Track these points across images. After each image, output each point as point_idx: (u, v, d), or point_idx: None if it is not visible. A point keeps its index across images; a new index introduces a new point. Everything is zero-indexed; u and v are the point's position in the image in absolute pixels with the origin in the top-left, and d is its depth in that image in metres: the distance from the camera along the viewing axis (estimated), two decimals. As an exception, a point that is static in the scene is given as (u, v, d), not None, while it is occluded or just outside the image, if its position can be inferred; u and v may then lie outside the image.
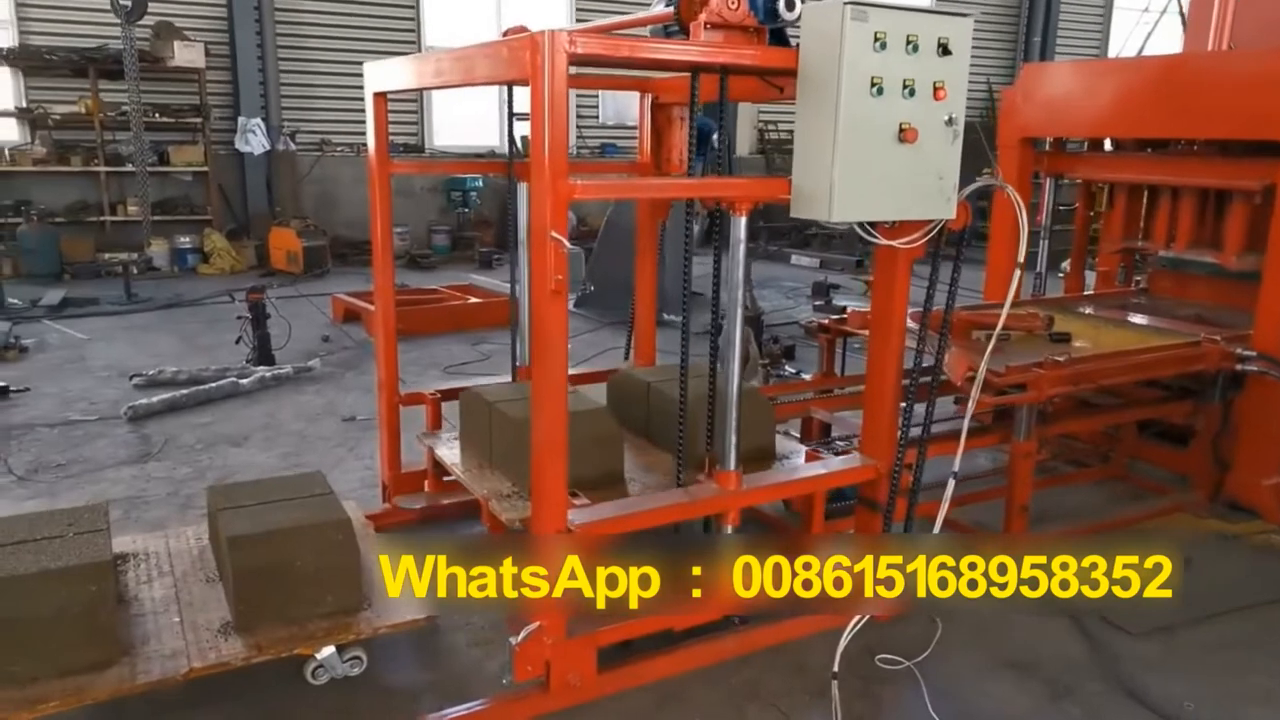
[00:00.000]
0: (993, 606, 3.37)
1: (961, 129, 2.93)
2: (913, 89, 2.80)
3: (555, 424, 2.70)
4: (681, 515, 3.12)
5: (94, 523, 3.00)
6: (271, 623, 2.91)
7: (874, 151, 2.80)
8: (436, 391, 4.24)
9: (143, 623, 2.91)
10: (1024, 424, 3.94)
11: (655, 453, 3.76)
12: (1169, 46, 16.28)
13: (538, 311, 2.65)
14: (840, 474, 3.46)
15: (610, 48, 2.59)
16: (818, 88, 2.76)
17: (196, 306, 9.54)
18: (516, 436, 3.35)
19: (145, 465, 5.04)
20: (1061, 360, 3.89)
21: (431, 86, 3.53)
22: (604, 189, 3.55)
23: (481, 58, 2.94)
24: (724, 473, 3.14)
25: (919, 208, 2.97)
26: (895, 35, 2.73)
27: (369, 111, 3.91)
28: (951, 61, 2.84)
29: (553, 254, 2.54)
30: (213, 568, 3.27)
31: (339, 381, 6.75)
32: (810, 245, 13.92)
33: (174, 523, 4.31)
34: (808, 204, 2.86)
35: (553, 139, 2.48)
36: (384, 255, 4.13)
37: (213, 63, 12.22)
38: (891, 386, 3.37)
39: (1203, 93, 4.64)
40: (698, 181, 3.10)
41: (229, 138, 12.50)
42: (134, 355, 7.44)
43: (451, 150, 13.99)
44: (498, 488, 3.43)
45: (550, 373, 2.67)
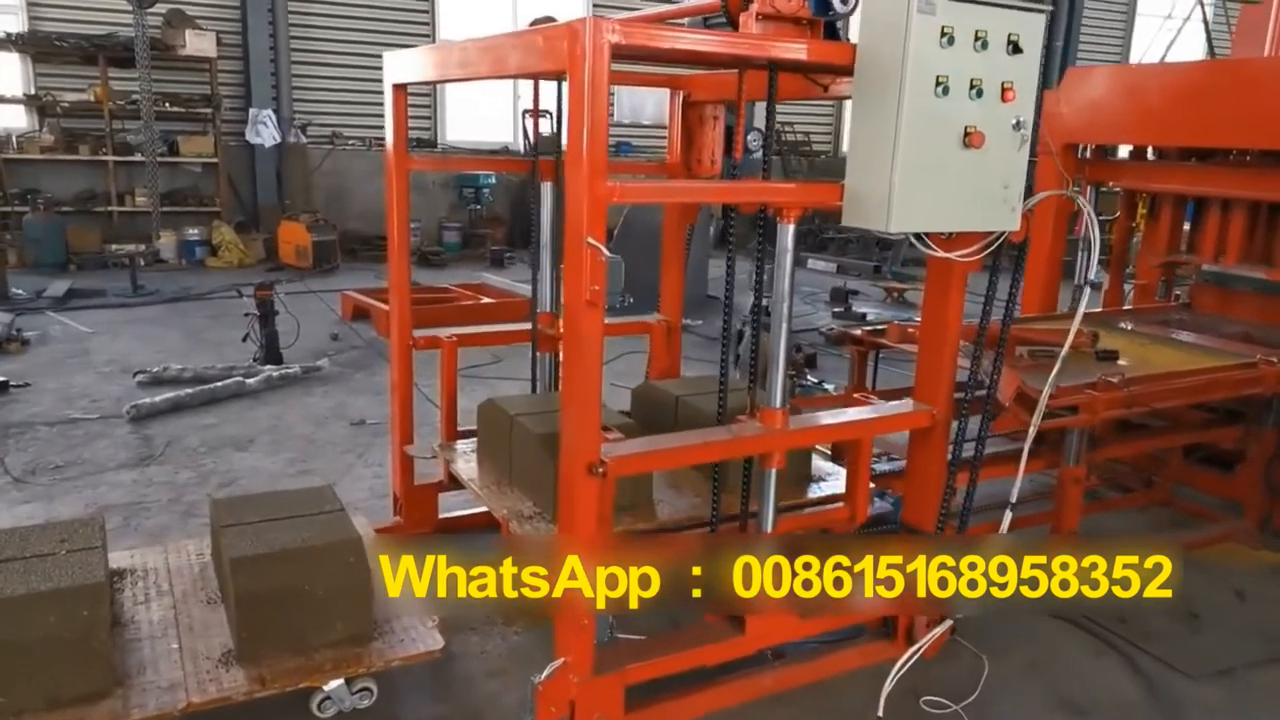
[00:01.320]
0: (1011, 606, 3.18)
1: (1029, 134, 2.71)
2: (980, 89, 2.57)
3: (587, 444, 2.49)
4: (724, 454, 2.86)
5: (89, 539, 2.80)
6: (277, 652, 2.71)
7: (937, 157, 2.58)
8: (453, 335, 3.96)
9: (139, 649, 2.72)
10: (1074, 448, 3.73)
11: (683, 472, 3.54)
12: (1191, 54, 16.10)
13: (570, 322, 2.46)
14: (893, 419, 3.20)
15: (656, 38, 2.37)
16: (878, 86, 2.55)
17: (204, 300, 9.36)
18: (539, 454, 3.16)
19: (146, 469, 4.85)
20: (1115, 381, 3.67)
21: (456, 79, 3.33)
22: (644, 192, 3.35)
23: (513, 48, 2.74)
24: (769, 410, 2.85)
25: (982, 218, 2.76)
26: (963, 30, 2.51)
27: (388, 104, 3.72)
28: (1022, 60, 2.62)
29: (589, 261, 2.34)
30: (214, 588, 3.08)
31: (348, 383, 6.55)
32: (827, 249, 13.69)
33: (175, 532, 4.12)
34: (863, 212, 2.65)
35: (592, 137, 2.27)
36: (400, 253, 3.93)
37: (224, 52, 12.05)
38: (944, 406, 3.16)
39: (1258, 100, 4.42)
40: (745, 185, 2.88)
41: (239, 129, 12.34)
42: (139, 350, 7.25)
43: (463, 146, 13.79)
44: (518, 508, 3.23)
45: (583, 387, 2.47)
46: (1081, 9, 17.62)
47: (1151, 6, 17.86)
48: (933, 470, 3.19)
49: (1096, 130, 5.18)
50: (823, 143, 16.75)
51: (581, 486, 2.48)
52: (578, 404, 2.48)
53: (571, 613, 2.59)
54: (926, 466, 3.22)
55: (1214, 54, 14.84)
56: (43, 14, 11.48)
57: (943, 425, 3.14)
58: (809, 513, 3.36)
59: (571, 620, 2.60)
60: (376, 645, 2.81)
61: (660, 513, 3.21)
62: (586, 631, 2.60)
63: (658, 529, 3.12)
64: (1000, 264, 2.96)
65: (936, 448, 3.18)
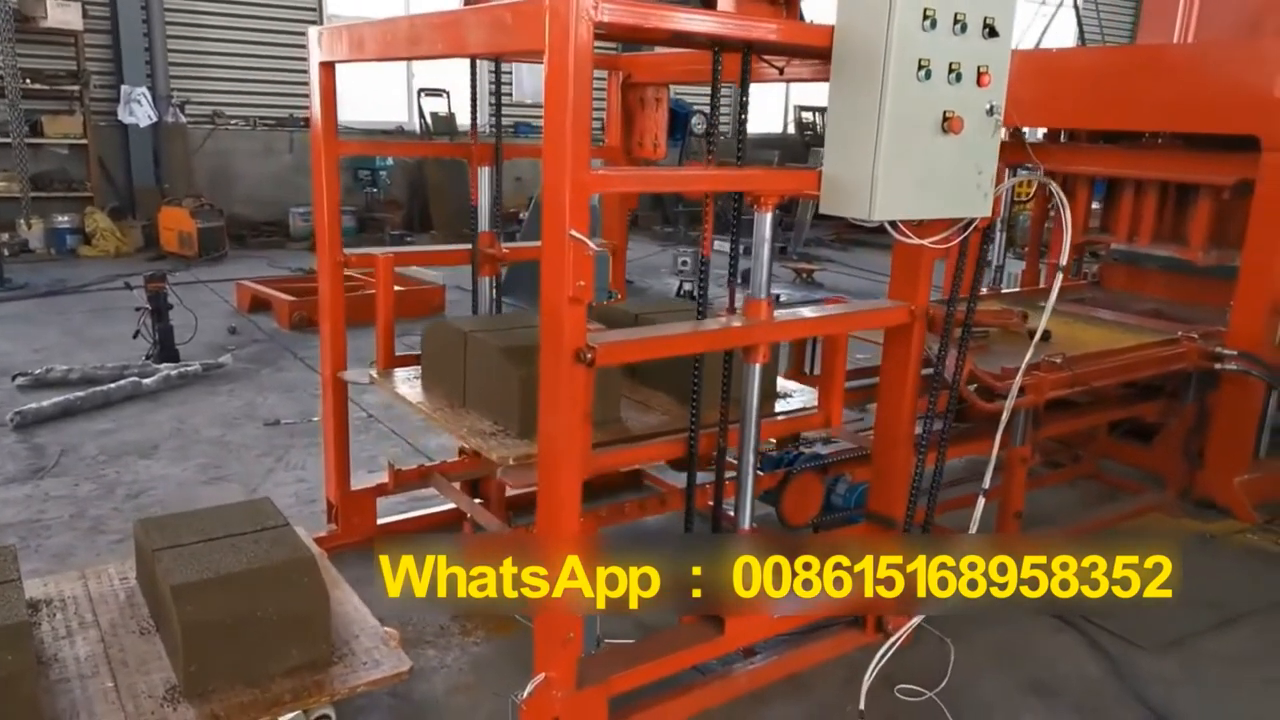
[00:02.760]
0: (988, 606, 3.23)
1: (1001, 119, 2.69)
2: (959, 73, 2.53)
3: (569, 456, 2.34)
4: (708, 345, 2.78)
5: (3, 570, 2.50)
6: (228, 684, 2.48)
7: (918, 143, 2.52)
8: (388, 253, 3.68)
9: (68, 690, 2.44)
10: (1021, 428, 3.78)
11: (645, 391, 3.39)
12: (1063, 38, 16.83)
13: (550, 321, 2.28)
14: (871, 315, 3.14)
15: (643, 17, 2.22)
16: (858, 70, 2.47)
17: (82, 294, 8.68)
18: (500, 366, 2.94)
19: (40, 482, 4.42)
20: (1059, 362, 3.74)
21: (401, 57, 3.11)
22: (627, 180, 3.28)
23: (474, 24, 2.55)
24: (754, 301, 2.75)
25: (959, 205, 2.71)
26: (944, 12, 2.46)
27: (314, 84, 3.46)
28: (997, 44, 2.58)
29: (573, 255, 2.18)
30: (145, 616, 2.80)
31: (255, 379, 6.17)
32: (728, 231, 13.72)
33: (82, 552, 3.78)
34: (843, 200, 2.57)
35: (575, 122, 2.12)
36: (332, 240, 3.63)
37: (91, 25, 11.15)
38: (909, 400, 3.13)
39: (1170, 85, 4.58)
40: (722, 173, 2.78)
41: (111, 108, 11.47)
42: (14, 350, 6.66)
43: (356, 126, 13.21)
44: (478, 426, 2.99)
45: (566, 388, 2.30)
46: None
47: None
48: (908, 380, 3.11)
49: (1016, 114, 5.27)
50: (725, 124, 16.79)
51: (568, 376, 2.29)
52: (563, 400, 2.32)
53: (554, 624, 2.45)
54: (902, 377, 3.12)
55: (1084, 39, 15.58)
56: (-122, -21, 10.40)
57: (920, 322, 3.05)
58: (783, 419, 3.33)
59: (554, 632, 2.45)
60: (337, 670, 2.60)
61: (631, 429, 3.05)
62: (571, 645, 2.47)
63: (630, 439, 2.98)
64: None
65: (913, 350, 3.10)
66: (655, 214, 14.98)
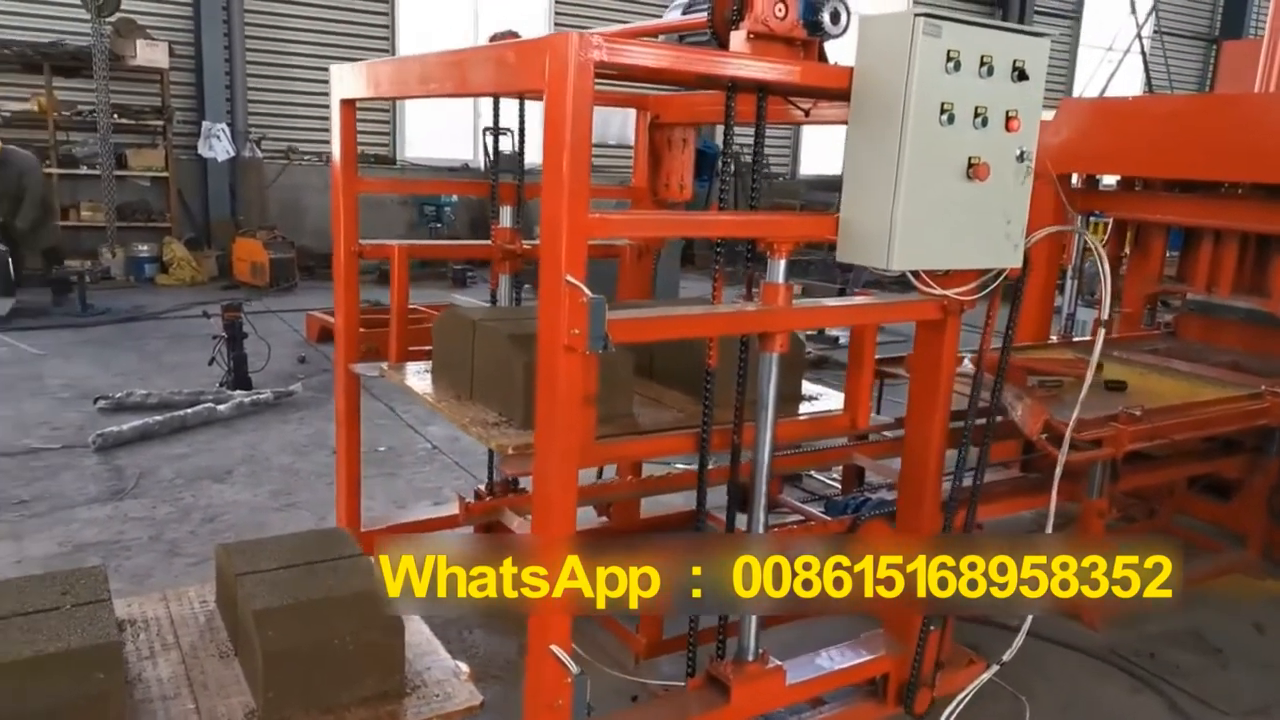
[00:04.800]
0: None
1: (1032, 165, 2.58)
2: (985, 118, 2.43)
3: (565, 505, 2.30)
4: (723, 329, 2.63)
5: (94, 590, 2.57)
6: (304, 712, 2.51)
7: (941, 189, 2.43)
8: (403, 244, 3.63)
9: (151, 711, 2.49)
10: (1098, 480, 3.71)
11: (660, 389, 3.31)
12: (1131, 86, 16.64)
13: (545, 368, 2.21)
14: (899, 307, 2.93)
15: (647, 57, 2.18)
16: (877, 113, 2.39)
17: (158, 320, 8.98)
18: (507, 354, 2.85)
19: (120, 503, 4.57)
20: (1138, 414, 3.66)
21: (414, 95, 3.07)
22: (630, 224, 3.07)
23: (480, 63, 2.52)
24: (771, 285, 2.56)
25: (985, 255, 2.61)
26: (969, 55, 2.37)
27: (335, 121, 3.45)
28: (1026, 88, 2.49)
29: (568, 302, 2.09)
30: (224, 639, 2.85)
31: (323, 409, 6.30)
32: (790, 270, 13.71)
33: (159, 573, 3.88)
34: (860, 248, 2.48)
35: (573, 164, 2.05)
36: (348, 278, 3.64)
37: (177, 64, 11.67)
38: (936, 453, 2.97)
39: (1254, 135, 4.50)
40: (734, 218, 2.67)
41: (191, 142, 11.95)
42: (96, 374, 6.90)
43: (423, 163, 13.56)
44: (482, 416, 2.91)
45: (559, 442, 2.23)
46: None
47: (1093, 38, 18.43)
48: (940, 381, 2.93)
49: (1090, 160, 5.23)
50: (780, 164, 16.88)
51: (565, 365, 2.17)
52: (556, 453, 2.25)
53: (542, 688, 2.36)
54: (934, 378, 2.93)
55: (1152, 86, 15.34)
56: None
57: (954, 318, 2.84)
58: (804, 419, 3.16)
59: (541, 697, 2.36)
60: (411, 702, 2.62)
61: (642, 425, 2.95)
62: (559, 712, 2.36)
63: (636, 432, 2.88)
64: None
65: (946, 349, 2.90)
66: (712, 251, 15.03)
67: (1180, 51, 19.61)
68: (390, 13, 13.10)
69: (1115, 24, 16.37)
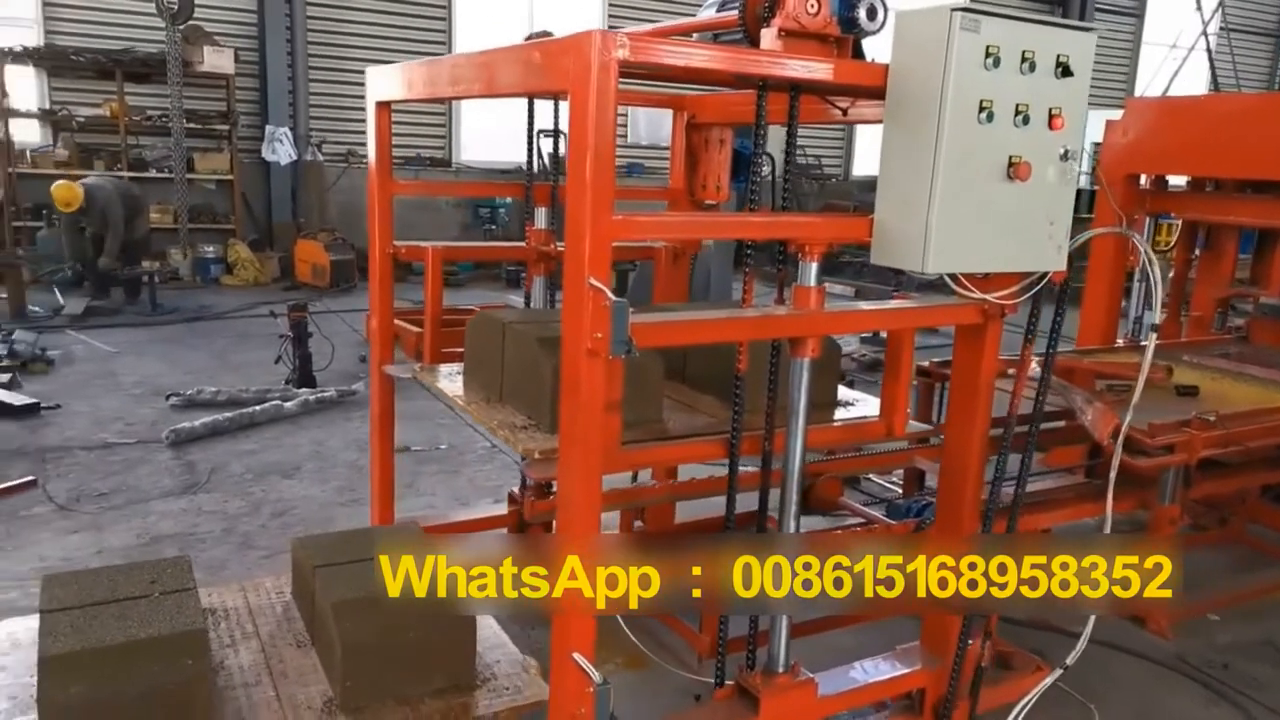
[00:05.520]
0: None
1: (1079, 165, 2.49)
2: (1026, 115, 2.34)
3: (588, 509, 2.25)
4: (751, 333, 2.56)
5: (180, 580, 2.67)
6: (380, 702, 2.58)
7: (979, 189, 2.34)
8: (437, 246, 3.68)
9: (234, 698, 2.58)
10: (1170, 487, 3.64)
11: (692, 394, 3.24)
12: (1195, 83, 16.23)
13: (569, 372, 2.17)
14: (937, 311, 2.86)
15: (672, 55, 2.13)
16: (913, 111, 2.31)
17: (224, 320, 9.22)
18: (536, 357, 2.80)
19: (194, 497, 4.70)
20: (1212, 420, 3.59)
21: (446, 97, 3.08)
22: (655, 226, 2.85)
23: (506, 64, 2.51)
24: (802, 289, 2.47)
25: (1026, 257, 2.51)
26: (1009, 50, 2.27)
27: (370, 123, 3.50)
28: (1071, 84, 2.38)
29: (591, 305, 2.05)
30: (301, 629, 2.94)
31: (385, 407, 6.41)
32: (843, 272, 13.63)
33: (233, 565, 3.99)
34: (895, 250, 2.40)
35: (596, 165, 2.00)
36: (383, 280, 3.72)
37: (241, 69, 11.95)
38: (976, 460, 2.88)
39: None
40: (762, 219, 2.58)
41: (255, 146, 12.23)
42: (166, 371, 7.11)
43: (478, 165, 13.73)
44: (510, 420, 2.86)
45: (582, 449, 2.18)
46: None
47: (1156, 35, 18.01)
48: (980, 387, 2.81)
49: (1158, 161, 5.13)
50: (834, 165, 16.76)
51: (587, 369, 2.12)
52: (579, 460, 2.20)
53: (566, 698, 2.30)
54: (973, 384, 2.82)
55: (1217, 83, 14.94)
56: (59, 28, 11.38)
57: (995, 321, 2.75)
58: (838, 425, 3.08)
59: (566, 707, 2.30)
60: (481, 694, 2.67)
61: (671, 430, 2.88)
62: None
63: (664, 438, 2.81)
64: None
65: (986, 354, 2.79)
66: (764, 254, 15.03)
67: (1247, 48, 19.07)
68: (447, 16, 13.28)
69: (1179, 21, 16.04)
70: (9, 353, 6.94)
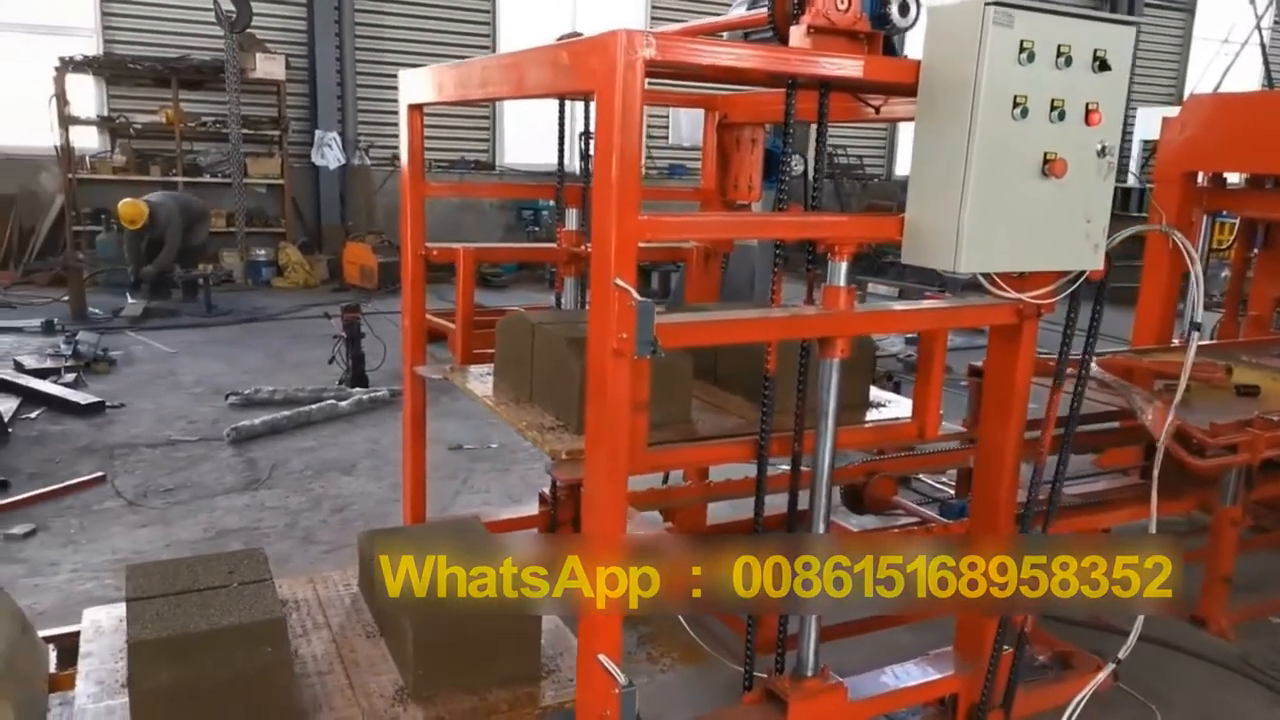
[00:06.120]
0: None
1: (1115, 161, 2.44)
2: (1062, 111, 2.30)
3: (613, 509, 2.24)
4: (778, 333, 2.54)
5: (257, 571, 2.76)
6: (449, 690, 2.65)
7: (1013, 187, 2.31)
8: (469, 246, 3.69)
9: (310, 685, 2.66)
10: (1232, 488, 3.61)
11: (723, 395, 3.21)
12: (1248, 79, 15.91)
13: (595, 372, 2.18)
14: (971, 311, 2.79)
15: (698, 54, 2.14)
16: (945, 107, 2.28)
17: (277, 321, 9.41)
18: (565, 358, 2.80)
19: (256, 493, 4.83)
20: (1276, 420, 3.55)
21: (477, 99, 3.09)
22: (680, 225, 2.77)
23: (535, 65, 2.52)
24: (832, 289, 2.46)
25: (1062, 256, 2.47)
26: (1044, 44, 2.24)
27: (403, 125, 3.54)
28: (1109, 79, 2.34)
29: (617, 306, 2.06)
30: (369, 620, 3.02)
31: (436, 406, 6.46)
32: (886, 273, 13.56)
33: (296, 559, 4.09)
34: (926, 249, 2.37)
35: (622, 164, 2.00)
36: (414, 281, 3.73)
37: (292, 75, 12.18)
38: (1011, 464, 2.84)
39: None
40: (790, 219, 2.54)
41: (305, 151, 12.46)
42: (224, 371, 7.28)
43: (521, 168, 13.84)
44: (539, 420, 2.86)
45: (608, 450, 2.18)
46: (1138, 32, 17.44)
47: (1207, 30, 17.68)
48: (1015, 390, 2.76)
49: (1216, 158, 5.06)
50: (876, 165, 16.66)
51: (613, 370, 2.12)
52: (606, 461, 2.21)
53: (593, 699, 2.32)
54: (1008, 386, 2.77)
55: (1271, 79, 14.64)
56: (116, 37, 11.68)
57: (1031, 321, 2.69)
58: (869, 427, 3.05)
59: (593, 708, 2.32)
60: (547, 685, 2.73)
61: (700, 430, 2.86)
62: None
63: (692, 439, 2.80)
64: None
65: (1022, 356, 2.74)
66: (801, 254, 14.98)
67: (1304, 43, 18.66)
68: (491, 20, 13.42)
69: (1232, 15, 15.74)
70: (73, 353, 7.15)
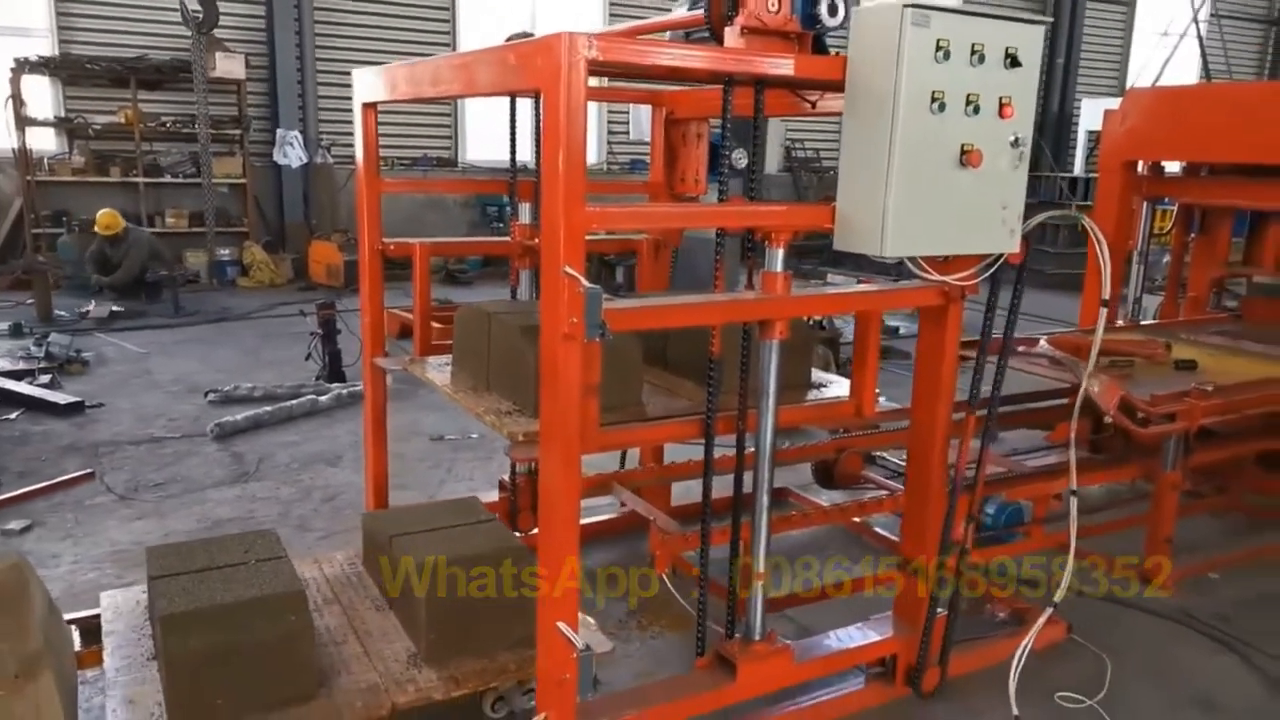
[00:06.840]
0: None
1: (1028, 152, 2.65)
2: (977, 105, 2.49)
3: (568, 487, 2.37)
4: (719, 317, 2.70)
5: (271, 549, 2.92)
6: (460, 655, 2.83)
7: (933, 177, 2.49)
8: (424, 242, 3.80)
9: (327, 654, 2.82)
10: (1172, 454, 3.90)
11: (674, 379, 3.36)
12: (1187, 71, 16.49)
13: (547, 356, 2.32)
14: (900, 294, 3.03)
15: (638, 54, 2.30)
16: (869, 103, 2.45)
17: (247, 320, 9.44)
18: (519, 346, 2.92)
19: (246, 485, 4.94)
20: (1210, 390, 3.84)
21: (429, 97, 3.20)
22: (625, 216, 2.75)
23: (484, 65, 2.65)
24: (770, 274, 2.62)
25: (980, 240, 2.68)
26: (959, 43, 2.42)
27: (357, 123, 3.61)
28: (1020, 74, 2.54)
29: (567, 292, 2.20)
30: (377, 595, 3.18)
31: (414, 399, 6.65)
32: (844, 263, 13.87)
33: (294, 546, 4.20)
34: (855, 236, 2.55)
35: (568, 158, 2.14)
36: (372, 276, 3.88)
37: (252, 74, 12.15)
38: (941, 440, 3.05)
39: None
40: (730, 209, 2.68)
41: (266, 150, 12.44)
42: (199, 370, 7.34)
43: (483, 165, 13.93)
44: (496, 406, 2.99)
45: (562, 429, 2.31)
46: (1082, 26, 17.98)
47: (1149, 24, 18.27)
48: (943, 370, 2.97)
49: (1157, 148, 5.37)
50: (831, 158, 16.99)
51: (565, 353, 2.25)
52: (558, 439, 2.33)
53: (552, 664, 2.48)
54: (936, 366, 2.98)
55: (1209, 75, 15.16)
56: (73, 38, 11.57)
57: (956, 304, 2.90)
58: (808, 406, 3.23)
59: (552, 673, 2.48)
60: (550, 648, 2.92)
61: (650, 412, 3.04)
62: (568, 686, 2.45)
63: (642, 419, 2.97)
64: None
65: (948, 335, 2.94)
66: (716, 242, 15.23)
67: (1239, 35, 19.35)
68: (451, 19, 13.49)
69: (1171, 8, 16.30)
70: (46, 355, 7.17)
